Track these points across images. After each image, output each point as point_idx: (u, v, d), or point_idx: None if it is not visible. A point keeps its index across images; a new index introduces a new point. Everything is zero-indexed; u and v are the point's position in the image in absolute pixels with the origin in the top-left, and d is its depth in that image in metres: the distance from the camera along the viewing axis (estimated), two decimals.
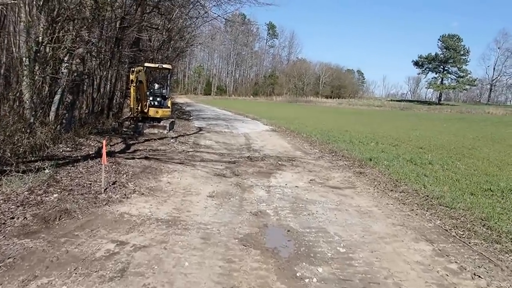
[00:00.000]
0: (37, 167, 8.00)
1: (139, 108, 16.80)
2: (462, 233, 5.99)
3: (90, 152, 10.86)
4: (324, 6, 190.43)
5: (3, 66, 12.89)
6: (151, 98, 18.76)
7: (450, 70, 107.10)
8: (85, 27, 12.05)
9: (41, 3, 10.70)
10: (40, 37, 10.64)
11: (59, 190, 6.81)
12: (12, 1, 9.56)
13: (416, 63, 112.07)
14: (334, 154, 13.89)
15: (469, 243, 5.60)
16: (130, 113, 16.14)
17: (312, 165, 11.67)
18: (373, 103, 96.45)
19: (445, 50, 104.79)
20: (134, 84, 14.61)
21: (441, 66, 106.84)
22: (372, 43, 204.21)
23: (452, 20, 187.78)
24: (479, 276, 4.60)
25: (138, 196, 7.04)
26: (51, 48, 11.15)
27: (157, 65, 19.40)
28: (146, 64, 19.48)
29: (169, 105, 19.37)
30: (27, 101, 10.38)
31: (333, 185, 9.06)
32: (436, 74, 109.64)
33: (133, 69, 14.66)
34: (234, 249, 5.00)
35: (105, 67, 20.47)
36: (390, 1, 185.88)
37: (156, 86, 20.08)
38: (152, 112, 18.00)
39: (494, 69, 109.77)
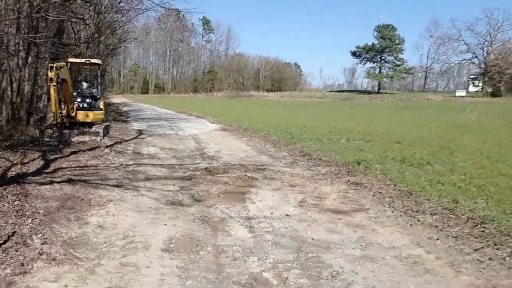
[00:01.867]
0: None
1: (63, 111, 13.65)
2: None
3: None
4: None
5: None
6: (79, 100, 15.58)
7: (387, 59, 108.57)
8: None
9: None
10: None
11: None
12: None
13: (353, 54, 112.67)
14: (308, 157, 11.47)
15: None
16: (53, 118, 12.92)
17: (289, 175, 9.15)
18: (314, 94, 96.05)
19: (381, 39, 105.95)
20: (54, 83, 11.56)
21: (378, 56, 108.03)
22: (307, 36, 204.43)
23: (381, 12, 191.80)
24: None
25: (45, 266, 4.13)
26: None
27: (83, 60, 16.19)
28: (71, 60, 16.22)
29: (101, 106, 16.24)
30: None
31: (335, 208, 6.57)
32: (373, 63, 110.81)
33: (51, 65, 11.58)
34: None
35: (23, 65, 17.07)
36: None
37: (85, 85, 16.86)
38: (81, 116, 14.87)
39: (427, 57, 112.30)
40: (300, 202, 6.89)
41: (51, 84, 11.58)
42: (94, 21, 27.72)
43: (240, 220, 5.89)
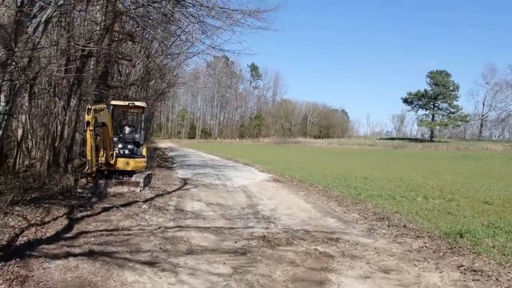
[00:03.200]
0: None
1: (102, 158, 12.19)
2: None
3: None
4: (307, 46, 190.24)
5: None
6: (120, 146, 14.11)
7: (440, 106, 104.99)
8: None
9: None
10: None
11: None
12: None
13: (405, 100, 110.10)
14: (388, 222, 9.25)
15: None
16: (87, 167, 11.29)
17: (373, 251, 6.97)
18: (364, 142, 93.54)
19: (434, 86, 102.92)
20: (91, 127, 10.00)
21: (431, 103, 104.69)
22: (354, 82, 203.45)
23: (429, 58, 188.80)
24: None
25: None
26: None
27: (127, 103, 14.78)
28: (113, 102, 14.91)
29: (144, 153, 14.64)
30: None
31: None
32: (426, 111, 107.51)
33: (89, 107, 10.08)
34: None
35: (65, 108, 16.04)
36: (368, 43, 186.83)
37: (127, 130, 15.42)
38: (121, 163, 13.28)
39: (483, 104, 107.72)
40: None
41: (88, 128, 10.05)
42: (144, 65, 27.06)
43: None
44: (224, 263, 6.06)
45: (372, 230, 8.59)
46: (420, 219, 9.49)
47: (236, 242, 7.33)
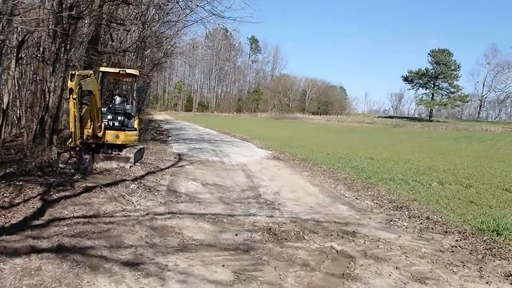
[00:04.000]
0: None
1: (88, 131, 11.06)
2: None
3: None
4: (307, 21, 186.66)
5: None
6: (109, 117, 12.91)
7: (440, 86, 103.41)
8: None
9: None
10: None
11: None
12: None
13: (405, 79, 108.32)
14: (408, 212, 8.15)
15: None
16: (70, 140, 10.10)
17: (398, 249, 5.87)
18: (362, 119, 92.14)
19: (435, 65, 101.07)
20: (74, 96, 8.80)
21: (432, 82, 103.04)
22: (353, 60, 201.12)
23: (431, 37, 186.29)
24: None
25: None
26: None
27: (117, 70, 13.44)
28: (102, 69, 13.66)
29: (135, 126, 13.45)
30: None
31: None
32: (426, 90, 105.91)
33: (72, 72, 8.83)
34: None
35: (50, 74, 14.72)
36: (368, 19, 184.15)
37: (118, 99, 14.15)
38: (110, 136, 12.09)
39: (483, 85, 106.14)
40: None
41: (71, 96, 8.84)
42: (139, 32, 25.59)
43: None
44: (223, 265, 4.95)
45: (391, 222, 7.49)
46: (443, 209, 8.41)
47: (236, 235, 6.22)
